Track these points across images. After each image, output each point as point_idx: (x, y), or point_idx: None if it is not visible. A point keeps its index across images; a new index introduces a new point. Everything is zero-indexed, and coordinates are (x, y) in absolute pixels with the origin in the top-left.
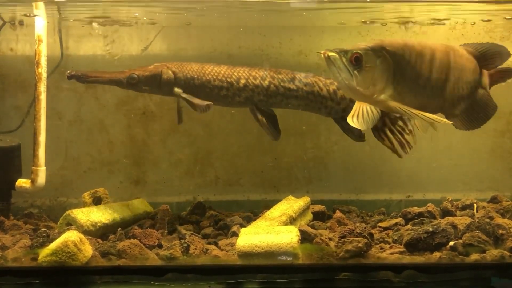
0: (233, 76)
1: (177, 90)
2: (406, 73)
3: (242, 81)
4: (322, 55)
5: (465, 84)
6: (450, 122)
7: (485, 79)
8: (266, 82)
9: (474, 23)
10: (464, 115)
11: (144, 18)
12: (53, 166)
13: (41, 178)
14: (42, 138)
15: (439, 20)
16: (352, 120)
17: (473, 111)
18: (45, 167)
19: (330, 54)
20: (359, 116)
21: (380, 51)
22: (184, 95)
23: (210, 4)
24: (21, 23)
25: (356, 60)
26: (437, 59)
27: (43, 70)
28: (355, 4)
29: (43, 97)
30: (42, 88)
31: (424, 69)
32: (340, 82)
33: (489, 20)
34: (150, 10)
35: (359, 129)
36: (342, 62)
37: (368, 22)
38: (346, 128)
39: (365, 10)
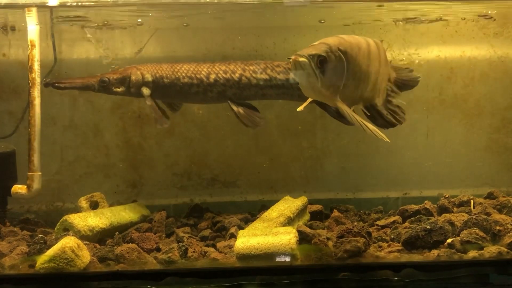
0: (203, 72)
1: (145, 91)
2: (353, 69)
3: (212, 76)
4: (292, 61)
5: (386, 76)
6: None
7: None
8: (237, 75)
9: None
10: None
11: (139, 20)
12: (48, 171)
13: (37, 184)
14: (37, 143)
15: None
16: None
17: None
18: (40, 173)
19: (301, 59)
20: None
21: (336, 51)
22: (149, 102)
23: (203, 5)
24: (13, 28)
25: (321, 63)
26: (371, 54)
27: (36, 75)
28: (350, 3)
29: (37, 102)
30: (36, 93)
31: (363, 64)
32: (306, 85)
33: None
34: (143, 13)
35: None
36: (311, 67)
37: (361, 21)
38: (334, 112)
39: (360, 8)
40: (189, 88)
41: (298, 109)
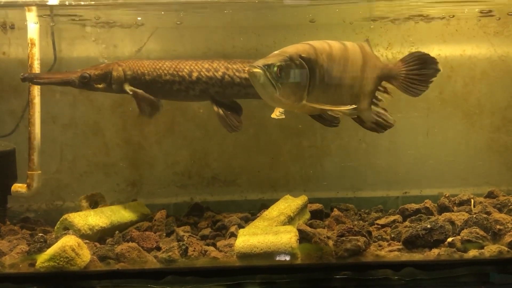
0: (185, 70)
1: (127, 87)
2: (320, 76)
3: (195, 74)
4: (246, 71)
5: (370, 80)
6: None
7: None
8: (220, 73)
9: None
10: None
11: (138, 18)
12: (48, 170)
13: (37, 182)
14: (37, 142)
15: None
16: (276, 115)
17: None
18: (40, 171)
19: (255, 70)
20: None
21: (297, 59)
22: (132, 93)
23: (203, 4)
24: (12, 26)
25: (280, 73)
26: (347, 59)
27: None
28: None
29: (37, 101)
30: (36, 91)
31: (335, 70)
32: (264, 95)
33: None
34: (143, 11)
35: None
36: (267, 77)
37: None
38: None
39: (359, 7)
40: (170, 86)
41: (272, 116)
